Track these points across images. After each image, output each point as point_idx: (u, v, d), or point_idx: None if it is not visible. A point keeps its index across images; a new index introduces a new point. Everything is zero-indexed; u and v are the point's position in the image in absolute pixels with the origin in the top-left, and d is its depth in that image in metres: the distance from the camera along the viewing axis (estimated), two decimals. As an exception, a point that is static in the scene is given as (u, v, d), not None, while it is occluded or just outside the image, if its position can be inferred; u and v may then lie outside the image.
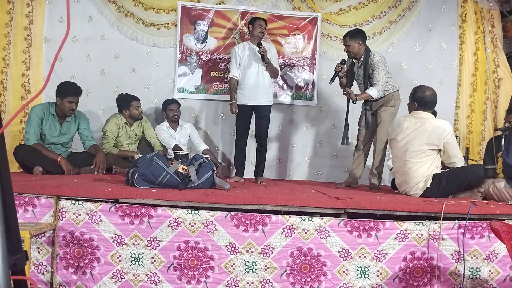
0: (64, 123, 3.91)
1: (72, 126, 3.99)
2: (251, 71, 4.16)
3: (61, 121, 3.90)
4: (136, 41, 4.77)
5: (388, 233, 2.59)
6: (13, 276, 1.03)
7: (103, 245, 2.52)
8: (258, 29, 4.13)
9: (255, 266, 2.54)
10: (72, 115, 3.93)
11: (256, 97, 4.18)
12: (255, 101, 4.18)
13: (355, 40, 3.85)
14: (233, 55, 4.24)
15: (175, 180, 2.84)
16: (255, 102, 4.18)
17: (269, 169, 4.89)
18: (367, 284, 2.58)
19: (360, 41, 3.87)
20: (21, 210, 2.52)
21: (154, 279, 2.52)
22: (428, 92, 3.27)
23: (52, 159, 3.65)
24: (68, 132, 3.96)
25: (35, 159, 3.61)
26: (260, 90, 4.18)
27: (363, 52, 3.90)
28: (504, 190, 3.03)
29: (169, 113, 4.51)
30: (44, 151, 3.68)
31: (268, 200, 2.67)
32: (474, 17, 4.93)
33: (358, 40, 3.86)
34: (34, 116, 3.74)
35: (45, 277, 2.52)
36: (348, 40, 3.87)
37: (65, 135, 3.95)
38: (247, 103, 4.18)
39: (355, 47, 3.86)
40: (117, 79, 4.75)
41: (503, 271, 2.62)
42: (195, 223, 2.52)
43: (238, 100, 4.20)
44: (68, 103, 3.79)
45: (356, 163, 4.11)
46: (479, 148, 4.85)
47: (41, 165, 3.58)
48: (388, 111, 3.91)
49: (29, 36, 4.55)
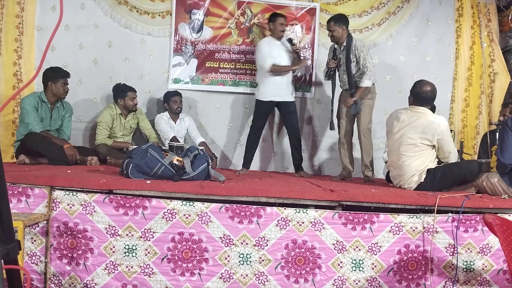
0: (54, 109, 3.95)
1: (62, 113, 4.04)
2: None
3: (52, 107, 3.93)
4: (130, 30, 4.69)
5: (382, 226, 2.59)
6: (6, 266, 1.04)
7: (97, 236, 2.50)
8: (280, 27, 4.17)
9: (250, 259, 2.53)
10: (60, 103, 3.97)
11: (282, 94, 4.20)
12: (280, 97, 4.20)
13: (339, 25, 3.91)
14: (264, 47, 4.19)
15: (170, 171, 2.82)
16: (280, 99, 4.20)
17: (264, 161, 4.89)
18: (362, 277, 2.59)
19: (344, 26, 3.93)
20: (15, 200, 2.49)
21: (148, 271, 2.51)
22: (425, 87, 3.23)
23: (59, 145, 3.70)
24: (58, 118, 4.00)
25: (44, 146, 3.66)
26: (285, 86, 4.21)
27: (346, 38, 3.95)
28: (498, 184, 3.05)
29: (173, 105, 4.47)
30: (51, 138, 3.75)
31: (263, 192, 2.67)
32: (470, 11, 4.92)
33: (342, 25, 3.92)
34: (28, 106, 3.73)
35: (39, 268, 2.50)
36: (332, 25, 3.93)
37: (56, 122, 3.99)
38: (272, 99, 4.20)
39: (339, 32, 3.92)
40: (110, 69, 4.68)
41: (497, 265, 2.64)
42: (190, 214, 2.51)
43: (263, 95, 4.21)
44: (61, 86, 3.85)
45: (345, 156, 4.14)
46: (473, 142, 4.87)
47: (51, 152, 3.66)
48: (366, 104, 3.95)
49: (21, 24, 4.46)
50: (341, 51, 4.00)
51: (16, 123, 4.38)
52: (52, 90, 3.83)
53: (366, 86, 3.85)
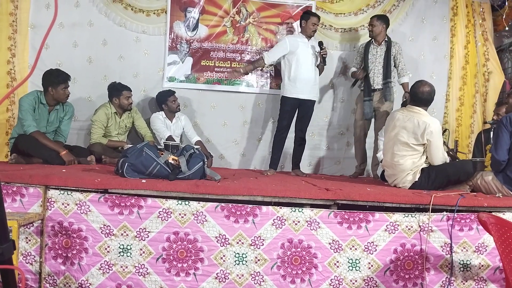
0: (52, 111, 3.85)
1: (61, 115, 3.94)
2: (306, 66, 4.18)
3: (50, 109, 3.83)
4: (124, 28, 4.65)
5: (378, 225, 2.60)
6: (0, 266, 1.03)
7: (92, 236, 2.48)
8: (312, 27, 4.20)
9: (246, 258, 2.53)
10: (60, 105, 3.88)
11: (308, 92, 4.22)
12: (306, 95, 4.22)
13: (381, 22, 4.24)
14: (283, 45, 4.22)
15: (165, 170, 2.81)
16: (306, 97, 4.22)
17: (260, 160, 4.88)
18: (358, 277, 2.59)
19: (384, 25, 4.26)
20: (9, 199, 2.47)
21: (143, 271, 2.50)
22: (423, 88, 3.23)
23: (54, 150, 3.61)
24: (55, 121, 3.90)
25: (36, 149, 3.58)
26: (312, 85, 4.23)
27: (385, 37, 4.30)
28: (492, 183, 3.07)
29: (172, 105, 4.44)
30: (45, 141, 3.63)
31: (259, 191, 2.66)
32: (465, 10, 4.94)
33: (383, 24, 4.25)
34: (26, 105, 3.65)
35: (34, 267, 2.48)
36: (375, 20, 4.25)
37: (54, 124, 3.89)
38: (298, 96, 4.20)
39: (379, 28, 4.24)
40: (105, 67, 4.65)
41: (493, 263, 2.65)
42: (185, 214, 2.50)
43: (289, 92, 4.21)
44: (62, 90, 3.76)
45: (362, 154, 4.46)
46: (468, 141, 4.89)
47: (42, 155, 3.57)
48: (390, 107, 4.31)
49: (15, 22, 4.42)
50: (378, 49, 4.29)
51: (9, 122, 4.34)
52: (52, 95, 3.74)
53: (407, 82, 4.22)
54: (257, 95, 4.85)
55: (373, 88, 4.31)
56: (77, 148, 4.06)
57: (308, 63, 4.19)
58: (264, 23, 4.80)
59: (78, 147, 4.14)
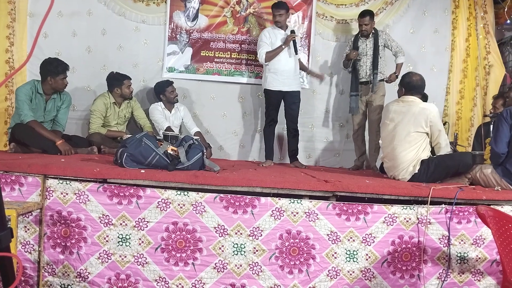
0: (49, 100, 3.82)
1: (58, 104, 3.90)
2: (284, 57, 4.16)
3: (47, 98, 3.81)
4: (124, 17, 4.63)
5: (376, 217, 2.60)
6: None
7: (90, 225, 2.49)
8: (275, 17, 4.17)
9: (244, 249, 2.54)
10: (57, 94, 3.85)
11: (290, 83, 4.20)
12: (288, 87, 4.20)
13: (372, 19, 4.33)
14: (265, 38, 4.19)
15: (164, 161, 2.80)
16: (288, 88, 4.20)
17: (259, 151, 4.88)
18: (356, 268, 2.60)
19: (374, 21, 4.38)
20: (8, 188, 2.47)
21: (141, 261, 2.50)
22: (415, 77, 3.39)
23: (50, 140, 3.59)
24: (53, 110, 3.87)
25: (33, 138, 3.56)
26: (293, 75, 4.22)
27: (372, 30, 4.37)
28: (491, 176, 3.07)
29: (170, 95, 4.44)
30: (41, 130, 3.60)
31: (258, 182, 2.67)
32: (467, 3, 4.91)
33: (373, 20, 4.36)
34: (23, 95, 3.61)
35: (32, 256, 2.49)
36: (368, 19, 4.30)
37: (51, 113, 3.86)
38: (281, 89, 4.19)
39: (371, 25, 4.32)
40: (104, 57, 4.63)
41: (490, 256, 2.66)
42: (184, 204, 2.50)
43: (271, 85, 4.20)
44: (61, 80, 3.74)
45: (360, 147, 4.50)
46: (467, 134, 4.89)
47: (39, 144, 3.56)
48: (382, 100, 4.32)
49: (13, 10, 4.38)
50: (367, 41, 4.33)
51: (8, 111, 4.33)
52: (51, 84, 3.71)
53: (402, 62, 4.36)
54: (257, 87, 4.82)
55: (361, 81, 4.35)
56: (76, 138, 4.05)
57: (286, 55, 4.16)
58: (265, 13, 4.76)
59: (77, 137, 4.13)
